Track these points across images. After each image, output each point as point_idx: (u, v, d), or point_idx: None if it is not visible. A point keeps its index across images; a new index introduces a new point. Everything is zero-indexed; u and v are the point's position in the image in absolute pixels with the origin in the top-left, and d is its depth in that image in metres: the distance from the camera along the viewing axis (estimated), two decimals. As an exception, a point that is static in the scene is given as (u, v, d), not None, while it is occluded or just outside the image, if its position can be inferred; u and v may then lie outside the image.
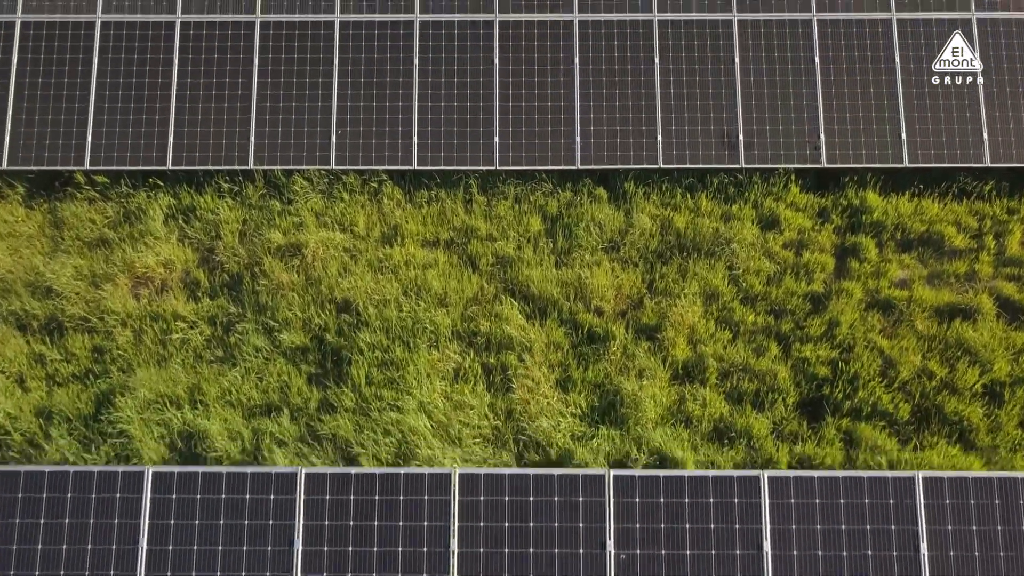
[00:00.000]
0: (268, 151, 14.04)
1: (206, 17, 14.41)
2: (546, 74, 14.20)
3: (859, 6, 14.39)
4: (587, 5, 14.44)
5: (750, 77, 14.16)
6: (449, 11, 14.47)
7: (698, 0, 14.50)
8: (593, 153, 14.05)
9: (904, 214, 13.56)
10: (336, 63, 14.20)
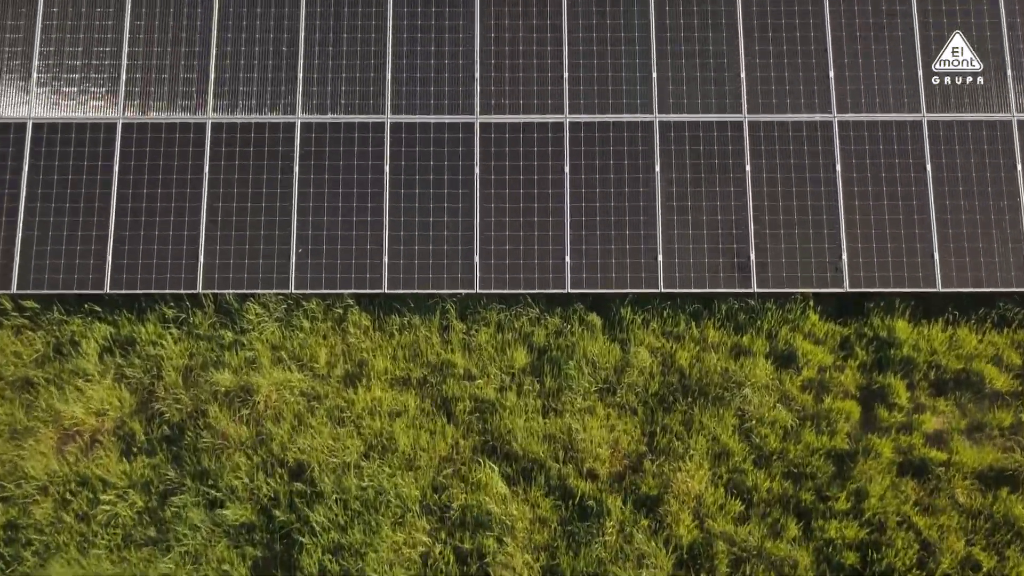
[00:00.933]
0: (219, 272, 10.67)
1: (151, 118, 10.88)
2: (533, 184, 10.81)
3: (885, 106, 10.90)
4: (579, 106, 10.95)
5: (763, 187, 10.73)
6: (424, 111, 10.92)
7: (704, 100, 10.93)
8: (585, 275, 10.70)
9: (937, 348, 10.28)
10: (296, 171, 10.75)
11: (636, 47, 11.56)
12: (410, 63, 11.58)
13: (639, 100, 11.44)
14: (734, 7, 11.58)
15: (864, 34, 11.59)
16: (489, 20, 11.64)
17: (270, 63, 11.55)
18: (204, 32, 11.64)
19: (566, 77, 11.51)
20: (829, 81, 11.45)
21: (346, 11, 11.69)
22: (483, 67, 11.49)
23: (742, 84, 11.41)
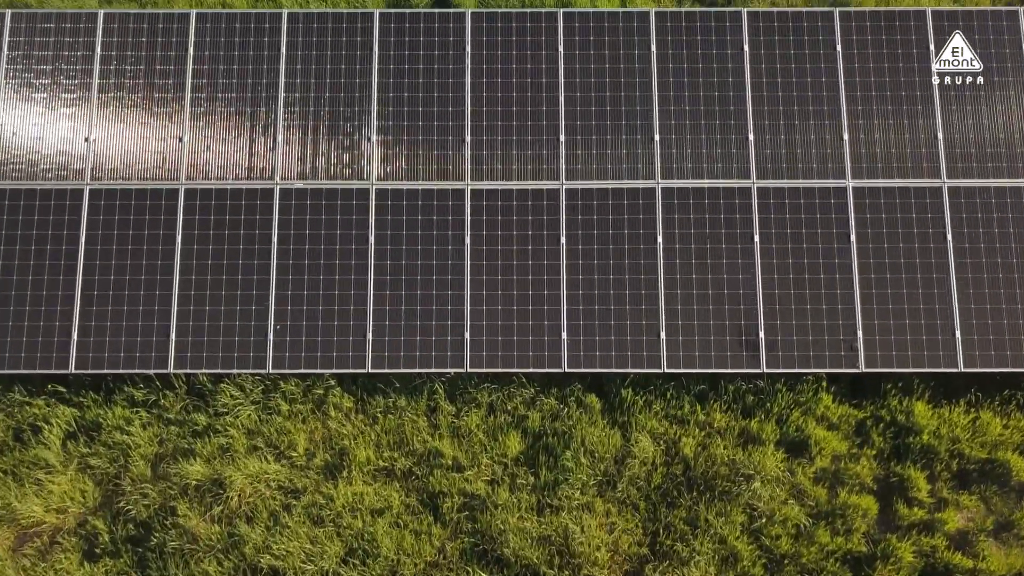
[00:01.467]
0: (192, 351, 9.14)
1: (120, 184, 9.30)
2: (527, 255, 9.25)
3: (903, 171, 9.34)
4: (576, 171, 9.41)
5: (772, 259, 9.20)
6: (411, 177, 9.36)
7: (709, 165, 9.38)
8: (583, 353, 9.16)
9: (960, 435, 8.86)
10: (275, 240, 9.16)
11: (637, 107, 9.93)
12: (396, 124, 9.96)
13: (640, 165, 9.81)
14: (741, 66, 9.96)
15: (880, 93, 9.94)
16: (479, 79, 10.02)
17: (248, 124, 9.93)
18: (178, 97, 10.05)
19: (562, 140, 9.89)
20: (843, 144, 9.83)
21: (328, 75, 10.08)
22: (473, 130, 9.86)
23: (750, 147, 9.80)
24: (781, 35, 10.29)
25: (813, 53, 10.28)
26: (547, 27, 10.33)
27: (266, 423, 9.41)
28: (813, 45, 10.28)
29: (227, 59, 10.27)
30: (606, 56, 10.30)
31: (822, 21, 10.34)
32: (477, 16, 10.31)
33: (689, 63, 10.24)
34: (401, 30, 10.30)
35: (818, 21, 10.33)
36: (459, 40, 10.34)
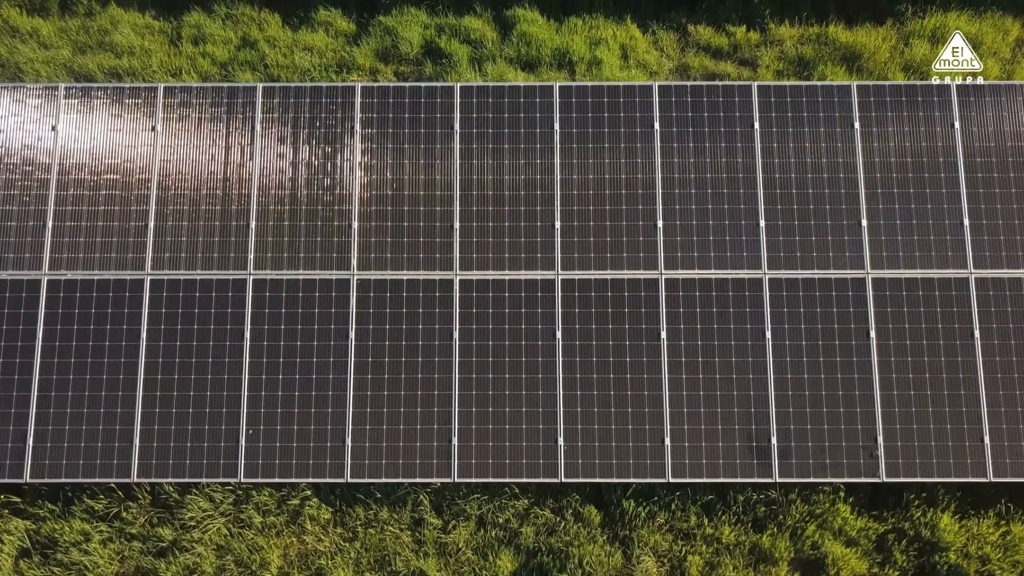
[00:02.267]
0: (157, 458, 8.13)
1: (81, 274, 8.28)
2: (520, 351, 8.20)
3: (926, 260, 8.28)
4: (572, 261, 8.40)
5: (785, 357, 8.16)
6: (396, 266, 8.30)
7: (717, 254, 8.36)
8: (581, 461, 8.12)
9: (990, 553, 7.84)
10: (247, 336, 8.11)
11: (639, 190, 8.90)
12: (379, 210, 8.93)
13: (642, 254, 8.78)
14: (752, 145, 8.99)
15: (901, 175, 8.93)
16: (468, 160, 9.02)
17: (217, 209, 8.91)
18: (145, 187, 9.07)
19: (558, 228, 8.86)
20: (861, 231, 8.80)
21: (304, 162, 9.07)
22: (463, 215, 8.84)
23: (761, 234, 8.77)
24: (795, 111, 9.26)
25: (829, 131, 9.24)
26: (541, 102, 9.28)
27: (237, 538, 8.35)
28: (829, 122, 9.25)
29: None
30: (605, 134, 9.26)
31: (839, 96, 9.28)
32: (467, 90, 9.30)
33: (695, 141, 9.22)
34: (384, 105, 9.28)
35: (834, 96, 9.29)
36: (447, 117, 9.30)
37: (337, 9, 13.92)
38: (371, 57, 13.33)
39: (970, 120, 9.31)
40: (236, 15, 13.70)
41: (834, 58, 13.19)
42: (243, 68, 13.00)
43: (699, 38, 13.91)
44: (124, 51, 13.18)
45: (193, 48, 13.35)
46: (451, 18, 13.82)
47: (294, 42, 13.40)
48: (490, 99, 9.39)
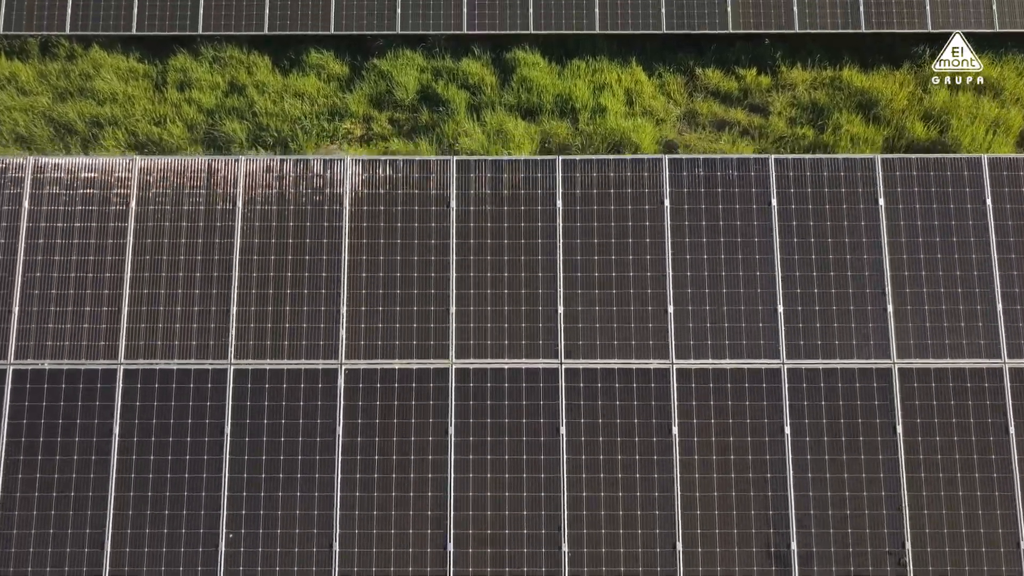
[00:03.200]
0: (130, 565, 7.23)
1: (49, 364, 7.47)
2: (521, 448, 7.41)
3: (957, 349, 7.60)
4: (576, 348, 7.62)
5: (805, 455, 7.69)
6: (386, 355, 7.48)
7: (732, 341, 7.69)
8: (586, 569, 7.35)
9: None
10: (228, 432, 7.29)
11: (648, 273, 8.06)
12: (369, 293, 8.09)
13: (652, 341, 7.97)
14: (768, 224, 8.15)
15: (929, 256, 8.09)
16: (465, 239, 8.22)
17: (196, 293, 8.06)
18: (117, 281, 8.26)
19: (560, 312, 8.02)
20: (887, 316, 7.96)
21: (288, 242, 8.26)
22: (459, 299, 8.00)
23: (780, 319, 7.95)
24: (815, 186, 8.40)
25: (851, 208, 8.37)
26: (544, 177, 8.40)
27: (215, 653, 7.50)
28: (851, 198, 8.38)
29: None
30: (612, 212, 8.39)
31: (861, 170, 8.40)
32: (463, 165, 8.44)
33: (708, 219, 8.37)
34: (374, 180, 8.43)
35: (857, 170, 8.41)
36: (442, 194, 8.44)
37: (329, 52, 13.08)
38: (364, 103, 12.49)
39: (1003, 197, 8.43)
40: (224, 58, 12.84)
41: (849, 105, 12.35)
42: (230, 116, 12.17)
43: (707, 82, 13.05)
44: (106, 98, 12.33)
45: (179, 94, 12.51)
46: (448, 61, 12.97)
47: (284, 87, 12.57)
48: (488, 173, 8.49)
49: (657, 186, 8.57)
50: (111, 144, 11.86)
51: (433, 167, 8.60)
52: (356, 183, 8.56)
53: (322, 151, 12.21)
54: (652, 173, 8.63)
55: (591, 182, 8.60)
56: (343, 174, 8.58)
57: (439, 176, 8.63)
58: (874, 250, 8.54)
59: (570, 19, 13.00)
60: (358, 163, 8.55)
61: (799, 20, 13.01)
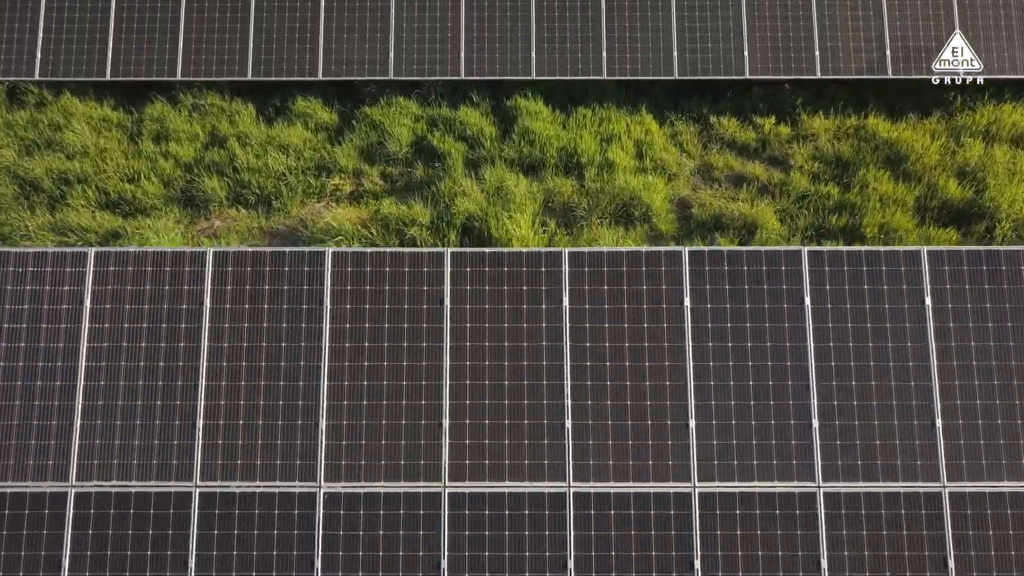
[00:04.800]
0: None
1: None
2: None
3: (1015, 471, 6.38)
4: (586, 470, 6.37)
5: None
6: (371, 477, 6.15)
7: (762, 462, 6.32)
8: None
9: None
10: (192, 566, 5.98)
11: (666, 381, 6.76)
12: (352, 405, 6.78)
13: (670, 462, 6.69)
14: (802, 326, 7.01)
15: (983, 363, 6.78)
16: (460, 343, 6.94)
17: (157, 404, 6.74)
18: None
19: (568, 427, 6.73)
20: (935, 432, 6.69)
21: (261, 346, 6.98)
22: (453, 410, 6.70)
23: (814, 435, 6.71)
24: (853, 282, 7.12)
25: (895, 308, 7.07)
26: (548, 272, 7.09)
27: None
28: (894, 296, 7.08)
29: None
30: (625, 311, 7.09)
31: (906, 264, 7.08)
32: (457, 257, 7.19)
33: (733, 321, 7.09)
34: (360, 275, 7.15)
35: (900, 264, 7.09)
36: (435, 291, 7.14)
37: (317, 99, 11.70)
38: (354, 157, 11.16)
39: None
40: (204, 105, 11.49)
41: (876, 160, 11.00)
42: (209, 171, 10.85)
43: (723, 132, 11.69)
44: (76, 151, 11.00)
45: (154, 147, 11.19)
46: (445, 109, 11.61)
47: (268, 139, 11.22)
48: (485, 267, 7.18)
49: (676, 283, 7.25)
50: (79, 204, 10.55)
51: (425, 261, 7.27)
52: (337, 279, 7.23)
53: (308, 209, 10.89)
54: (670, 267, 7.28)
55: (601, 278, 7.28)
56: (323, 268, 7.25)
57: (432, 270, 7.29)
58: (920, 356, 7.24)
59: (575, 64, 11.66)
60: (339, 257, 7.23)
61: (821, 66, 11.67)
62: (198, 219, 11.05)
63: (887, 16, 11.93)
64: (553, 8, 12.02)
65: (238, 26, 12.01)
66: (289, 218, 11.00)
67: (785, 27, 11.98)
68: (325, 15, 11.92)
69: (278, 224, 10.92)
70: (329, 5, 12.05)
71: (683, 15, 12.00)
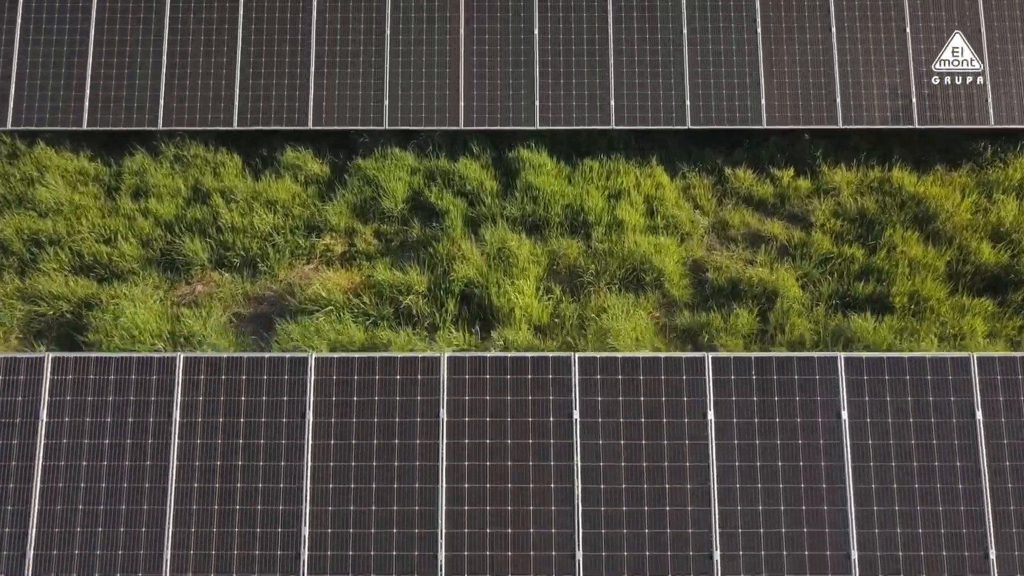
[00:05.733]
0: None
1: None
2: None
3: None
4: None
5: None
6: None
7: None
8: None
9: None
10: None
11: (688, 508, 5.72)
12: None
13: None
14: (839, 442, 5.90)
15: None
16: (456, 461, 5.93)
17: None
18: None
19: (579, 560, 5.70)
20: (991, 567, 5.63)
21: (237, 462, 5.99)
22: (451, 542, 5.69)
23: (853, 567, 5.60)
24: (895, 393, 6.06)
25: (941, 423, 6.04)
26: (556, 381, 6.10)
27: None
28: (941, 409, 6.07)
29: None
30: (643, 427, 6.12)
31: (953, 372, 6.07)
32: (455, 363, 6.18)
33: (762, 437, 6.10)
34: (346, 384, 6.13)
35: (948, 372, 6.09)
36: (430, 402, 6.12)
37: (307, 149, 10.66)
38: (346, 214, 10.16)
39: None
40: (187, 156, 10.46)
41: (903, 217, 10.00)
42: (191, 231, 9.87)
43: (738, 185, 10.67)
44: (50, 209, 9.99)
45: (133, 204, 10.15)
46: (443, 160, 10.59)
47: (255, 194, 10.21)
48: (487, 375, 6.15)
49: (699, 393, 6.22)
50: (51, 268, 9.53)
51: (420, 367, 6.24)
52: (321, 388, 6.24)
53: (296, 273, 9.87)
54: (692, 376, 6.25)
55: (616, 387, 6.24)
56: (304, 377, 6.23)
57: (427, 378, 6.27)
58: (972, 478, 6.20)
59: (582, 112, 10.63)
60: (323, 364, 6.21)
61: (843, 115, 10.65)
62: (179, 284, 10.04)
63: (912, 62, 10.89)
64: (558, 53, 10.99)
65: (223, 71, 10.98)
66: (276, 282, 9.99)
67: (804, 73, 10.97)
68: (316, 60, 10.90)
69: (264, 289, 9.91)
70: (320, 50, 11.02)
71: (696, 60, 10.97)
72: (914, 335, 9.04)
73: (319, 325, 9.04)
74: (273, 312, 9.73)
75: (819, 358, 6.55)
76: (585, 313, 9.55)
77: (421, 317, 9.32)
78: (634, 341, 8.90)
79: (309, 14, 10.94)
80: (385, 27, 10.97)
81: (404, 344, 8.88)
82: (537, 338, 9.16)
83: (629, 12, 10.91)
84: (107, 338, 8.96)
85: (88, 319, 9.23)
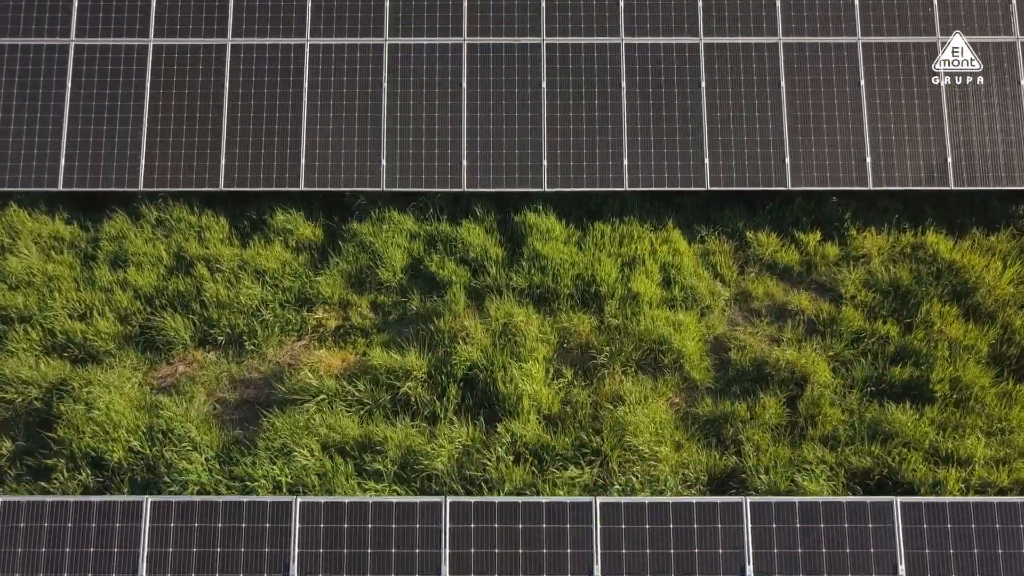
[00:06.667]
0: None
1: None
2: None
3: None
4: None
5: None
6: None
7: None
8: None
9: None
10: None
11: None
12: None
13: None
14: None
15: None
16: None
17: None
18: None
19: None
20: None
21: None
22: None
23: None
24: (959, 546, 4.99)
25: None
26: (575, 531, 5.03)
27: None
28: (1014, 565, 4.95)
29: None
30: None
31: (1002, 518, 5.01)
32: (459, 509, 5.08)
33: None
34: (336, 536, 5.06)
35: (1020, 520, 4.99)
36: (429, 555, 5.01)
37: (299, 211, 9.62)
38: (340, 285, 9.17)
39: None
40: (169, 220, 9.42)
41: (940, 292, 9.02)
42: (173, 306, 8.89)
43: (761, 251, 9.64)
44: (21, 281, 8.97)
45: (111, 275, 9.11)
46: (445, 224, 9.57)
47: (242, 262, 9.20)
48: (495, 523, 5.09)
49: (736, 545, 5.15)
50: (21, 348, 8.51)
51: (418, 515, 5.18)
52: (306, 539, 5.19)
53: (286, 351, 8.85)
54: (728, 524, 5.19)
55: (643, 538, 5.17)
56: (288, 525, 5.17)
57: (426, 526, 5.21)
58: None
59: (592, 174, 9.61)
60: (309, 509, 5.14)
61: (873, 176, 9.62)
62: (158, 364, 9.02)
63: (947, 120, 9.82)
64: (567, 109, 9.93)
65: (208, 128, 9.93)
66: (264, 362, 8.96)
67: (832, 131, 9.89)
68: (308, 116, 9.82)
69: (251, 371, 8.88)
70: (312, 105, 9.95)
71: (715, 116, 9.93)
72: (958, 429, 8.06)
73: (308, 419, 8.03)
74: (259, 399, 8.71)
75: (872, 503, 5.49)
76: (599, 400, 8.53)
77: (421, 405, 8.32)
78: (653, 435, 7.91)
79: (301, 67, 9.85)
80: (382, 82, 9.90)
81: (401, 440, 7.90)
82: (547, 431, 8.20)
83: (644, 64, 9.83)
84: (78, 435, 7.98)
85: (58, 408, 8.23)
